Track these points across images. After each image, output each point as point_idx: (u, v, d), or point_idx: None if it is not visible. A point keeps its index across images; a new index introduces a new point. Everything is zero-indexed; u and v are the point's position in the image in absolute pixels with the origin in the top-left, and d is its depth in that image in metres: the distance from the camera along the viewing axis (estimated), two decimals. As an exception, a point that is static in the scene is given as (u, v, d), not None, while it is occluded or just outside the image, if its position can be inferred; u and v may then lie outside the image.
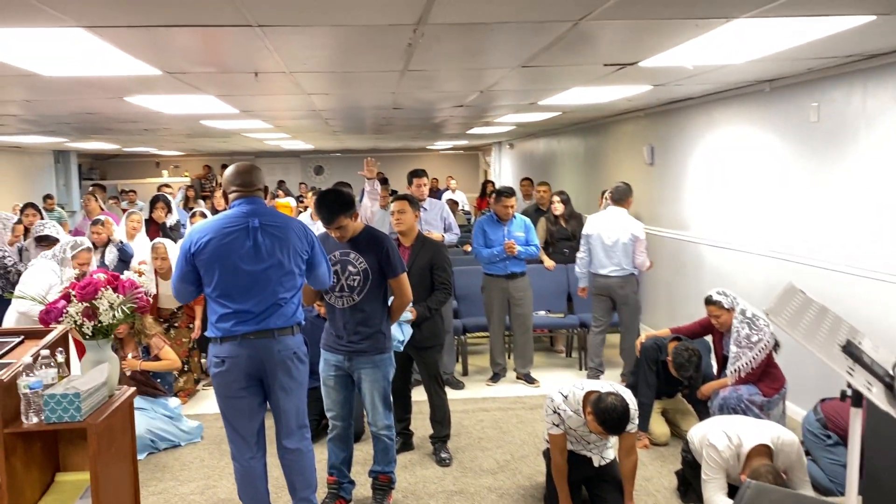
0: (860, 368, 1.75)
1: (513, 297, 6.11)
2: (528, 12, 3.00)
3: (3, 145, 11.13)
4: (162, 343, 5.06)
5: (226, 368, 3.26)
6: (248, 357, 3.24)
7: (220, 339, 3.27)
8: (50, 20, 2.83)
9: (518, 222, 6.18)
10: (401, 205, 4.58)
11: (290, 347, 3.32)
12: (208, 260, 3.22)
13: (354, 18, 3.00)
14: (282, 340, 3.29)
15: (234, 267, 3.21)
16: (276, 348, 3.27)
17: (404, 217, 4.57)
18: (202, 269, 3.25)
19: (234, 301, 3.23)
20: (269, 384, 3.34)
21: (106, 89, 5.02)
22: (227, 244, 3.21)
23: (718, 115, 6.32)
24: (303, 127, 9.71)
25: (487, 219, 6.24)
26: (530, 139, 13.61)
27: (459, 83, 5.34)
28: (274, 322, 3.26)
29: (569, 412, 3.82)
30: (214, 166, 18.53)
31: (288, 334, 3.31)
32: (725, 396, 4.58)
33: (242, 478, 3.43)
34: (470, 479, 4.42)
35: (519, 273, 6.12)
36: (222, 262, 3.21)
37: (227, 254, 3.21)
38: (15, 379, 2.48)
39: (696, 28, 3.31)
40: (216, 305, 3.28)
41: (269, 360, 3.27)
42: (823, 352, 1.73)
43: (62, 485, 2.78)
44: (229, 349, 3.24)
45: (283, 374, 3.31)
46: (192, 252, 3.23)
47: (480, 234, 6.16)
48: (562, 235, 7.17)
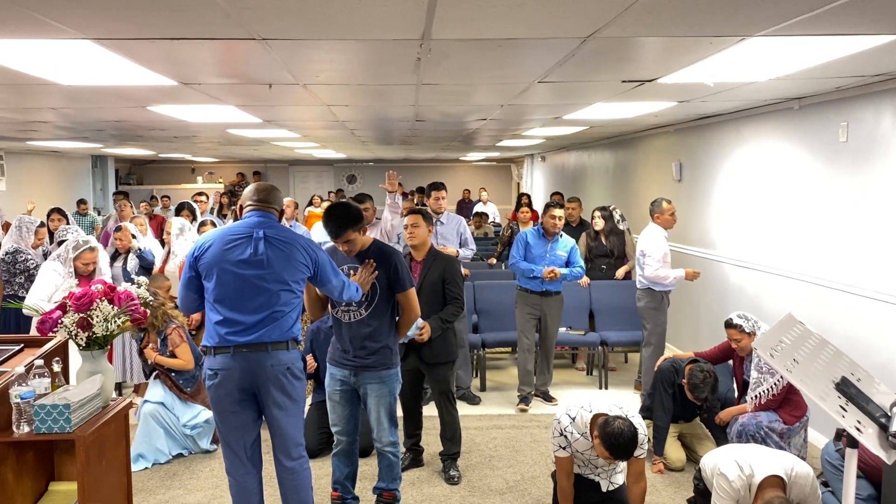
0: (853, 408, 1.66)
1: (544, 314, 5.93)
2: (535, 29, 2.95)
3: (42, 149, 11.39)
4: (179, 340, 5.00)
5: (219, 381, 3.24)
6: (240, 370, 3.22)
7: (214, 351, 3.24)
8: (56, 32, 2.87)
9: (563, 242, 5.95)
10: (414, 219, 4.55)
11: (283, 363, 3.28)
12: (208, 264, 3.23)
13: (359, 33, 2.98)
14: (275, 355, 3.25)
15: (231, 273, 3.21)
16: (269, 363, 3.24)
17: (417, 231, 4.53)
18: (203, 273, 3.26)
19: (228, 308, 3.21)
20: (262, 399, 3.30)
21: (127, 98, 5.09)
22: (228, 250, 3.22)
23: (747, 133, 6.18)
24: (330, 137, 9.77)
25: (533, 232, 6.02)
26: (561, 152, 13.52)
27: (479, 97, 5.31)
28: (268, 335, 3.23)
29: (576, 435, 3.74)
30: (247, 173, 18.77)
31: (282, 349, 3.27)
32: (744, 423, 4.45)
33: (237, 493, 3.41)
34: (477, 499, 4.35)
35: (554, 292, 5.92)
36: (220, 266, 3.21)
37: (226, 259, 3.21)
38: (7, 388, 2.49)
39: (709, 46, 3.22)
40: (212, 313, 3.27)
41: (262, 374, 3.24)
42: (814, 388, 1.64)
43: (55, 494, 2.78)
44: (222, 361, 3.22)
45: (276, 390, 3.27)
46: (196, 256, 3.27)
47: (522, 245, 5.94)
48: (600, 252, 7.05)
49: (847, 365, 1.94)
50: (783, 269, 5.58)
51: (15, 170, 11.46)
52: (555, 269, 5.74)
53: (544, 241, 5.91)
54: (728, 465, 3.58)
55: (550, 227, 5.88)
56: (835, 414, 1.56)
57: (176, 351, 4.97)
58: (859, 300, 4.70)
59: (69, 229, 6.10)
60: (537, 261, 5.86)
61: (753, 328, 4.60)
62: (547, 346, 6.06)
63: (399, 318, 3.91)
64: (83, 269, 5.08)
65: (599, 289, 6.91)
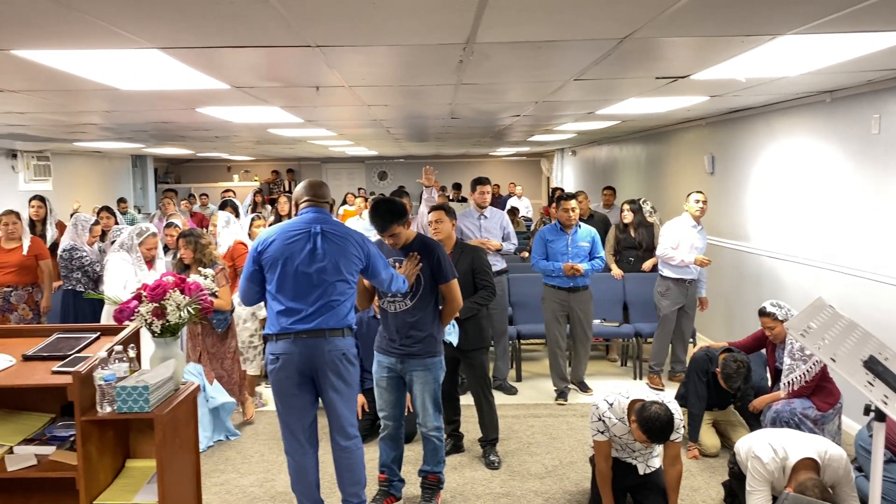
0: (880, 383, 1.79)
1: (573, 310, 5.97)
2: (574, 31, 3.10)
3: (85, 150, 11.76)
4: (224, 281, 5.18)
5: (280, 365, 3.48)
6: (300, 355, 3.46)
7: (276, 337, 3.50)
8: (128, 42, 3.08)
9: (584, 232, 5.97)
10: (437, 214, 4.72)
11: (339, 348, 3.51)
12: (271, 258, 3.48)
13: (407, 39, 3.16)
14: (332, 341, 3.48)
15: (292, 266, 3.45)
16: (327, 348, 3.47)
17: (441, 226, 4.70)
18: (265, 267, 3.51)
19: (289, 299, 3.46)
20: (320, 383, 3.53)
21: (179, 101, 5.32)
22: (289, 245, 3.47)
23: (779, 126, 6.25)
24: (365, 135, 9.97)
25: (550, 228, 6.06)
26: (592, 146, 13.59)
27: (514, 95, 5.46)
28: (326, 322, 3.46)
29: (614, 420, 3.88)
30: (281, 171, 19.09)
31: (339, 335, 3.51)
32: (778, 410, 4.54)
33: (295, 472, 3.63)
34: (517, 483, 4.52)
35: (581, 287, 5.95)
36: (283, 260, 3.46)
37: (288, 254, 3.46)
38: (91, 372, 2.70)
39: (742, 44, 3.34)
40: (274, 303, 3.52)
41: (320, 359, 3.47)
42: (843, 366, 1.78)
43: (132, 470, 3.00)
44: (284, 346, 3.47)
45: (333, 374, 3.50)
46: (259, 250, 3.52)
47: (541, 244, 5.99)
48: (628, 244, 7.15)
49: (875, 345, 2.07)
50: (816, 260, 5.66)
51: (61, 170, 11.85)
52: (574, 266, 5.78)
53: (563, 235, 5.93)
54: (762, 447, 3.70)
55: (566, 220, 5.90)
56: (862, 388, 1.69)
57: (218, 291, 5.20)
58: (891, 289, 4.78)
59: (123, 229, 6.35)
60: (559, 256, 5.88)
61: (786, 316, 4.69)
62: (582, 339, 6.09)
63: (443, 307, 4.10)
64: (147, 254, 5.36)
65: (632, 281, 7.02)
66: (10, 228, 6.08)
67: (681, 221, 6.30)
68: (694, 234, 6.22)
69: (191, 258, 5.12)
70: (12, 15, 2.66)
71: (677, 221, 6.33)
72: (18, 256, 6.11)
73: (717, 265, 7.50)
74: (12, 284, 6.08)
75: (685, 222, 6.26)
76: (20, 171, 10.61)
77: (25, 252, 6.12)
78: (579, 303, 5.97)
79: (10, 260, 6.07)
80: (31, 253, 6.15)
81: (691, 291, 6.31)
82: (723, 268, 7.35)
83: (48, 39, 3.05)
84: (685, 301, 6.30)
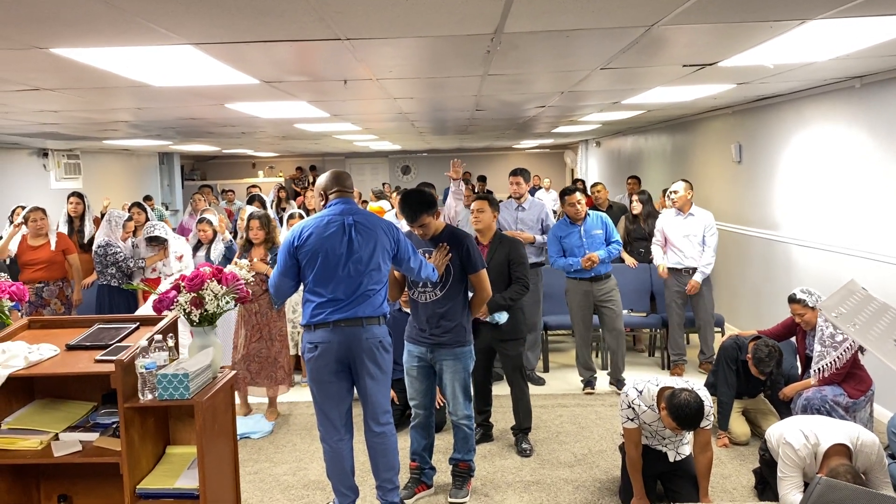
0: (912, 360, 1.79)
1: (599, 299, 5.87)
2: (601, 20, 3.11)
3: (114, 148, 11.95)
4: None
5: (318, 353, 3.55)
6: (338, 343, 3.53)
7: (314, 326, 3.56)
8: (163, 39, 3.15)
9: (594, 219, 5.91)
10: (480, 204, 4.76)
11: (376, 336, 3.58)
12: (310, 251, 3.53)
13: (435, 30, 3.19)
14: (369, 329, 3.55)
15: (331, 258, 3.52)
16: (364, 336, 3.54)
17: (483, 216, 4.73)
18: (303, 260, 3.56)
19: (328, 290, 3.52)
20: (356, 370, 3.60)
21: (208, 97, 5.40)
22: (327, 237, 3.53)
23: (808, 113, 6.20)
24: (390, 129, 10.03)
25: (561, 224, 5.98)
26: (617, 137, 13.53)
27: (540, 85, 5.47)
28: (363, 311, 3.53)
29: (643, 407, 3.89)
30: (305, 167, 19.24)
31: (375, 323, 3.58)
32: (809, 397, 4.53)
33: (331, 458, 3.70)
34: (547, 471, 4.55)
35: (604, 274, 5.87)
36: (323, 253, 3.52)
37: (326, 246, 3.52)
38: (133, 360, 2.78)
39: (770, 30, 3.33)
40: (312, 295, 3.58)
41: (357, 346, 3.54)
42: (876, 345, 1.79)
43: (172, 456, 3.07)
44: (322, 335, 3.54)
45: (369, 361, 3.57)
46: (296, 245, 3.56)
47: (555, 242, 5.90)
48: (638, 235, 7.15)
49: (910, 325, 2.07)
50: (846, 248, 5.61)
51: (91, 168, 12.05)
52: (591, 257, 5.72)
53: (575, 228, 5.86)
54: (793, 433, 3.69)
55: (573, 214, 5.85)
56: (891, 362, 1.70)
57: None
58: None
59: (156, 226, 6.46)
60: (576, 250, 5.81)
61: (817, 303, 4.68)
62: (613, 331, 5.93)
63: (472, 297, 4.14)
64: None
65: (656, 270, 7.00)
66: (37, 224, 6.18)
67: (667, 214, 6.50)
68: (679, 223, 6.32)
69: (262, 238, 5.39)
70: (54, 13, 2.73)
71: (664, 215, 6.55)
72: (47, 252, 6.20)
73: (744, 254, 7.48)
74: (43, 280, 6.18)
75: (669, 214, 6.45)
76: (51, 169, 10.81)
77: (53, 248, 6.21)
78: (604, 292, 5.88)
79: (38, 256, 6.17)
80: (58, 248, 6.24)
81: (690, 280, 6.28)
82: (751, 257, 7.31)
83: (87, 37, 3.12)
84: (685, 289, 6.29)
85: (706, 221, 6.27)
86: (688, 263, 6.25)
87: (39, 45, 3.21)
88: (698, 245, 6.23)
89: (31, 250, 6.21)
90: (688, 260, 6.24)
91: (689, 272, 6.25)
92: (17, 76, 4.07)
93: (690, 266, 6.24)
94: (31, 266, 6.20)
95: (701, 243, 6.23)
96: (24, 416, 3.00)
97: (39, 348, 2.92)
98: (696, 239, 6.23)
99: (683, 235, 6.26)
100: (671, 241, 6.34)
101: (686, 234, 6.26)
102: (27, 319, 3.28)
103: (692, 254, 6.23)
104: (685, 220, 6.30)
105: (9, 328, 3.14)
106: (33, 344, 2.96)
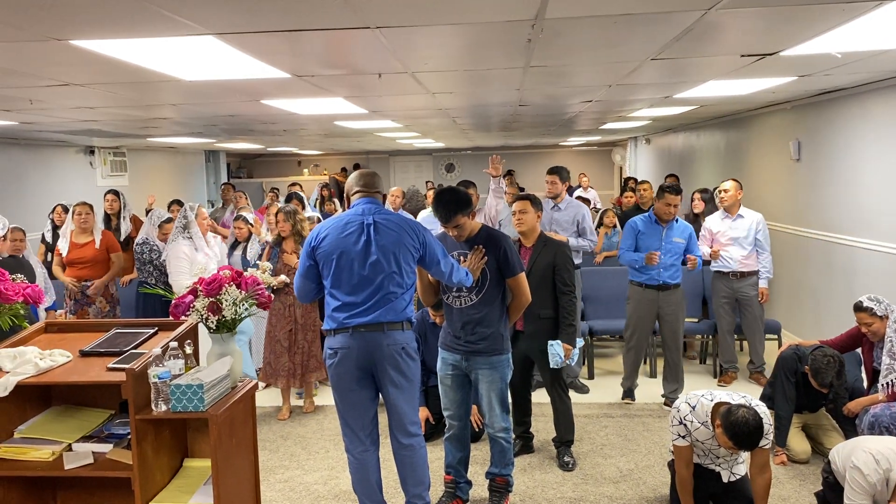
0: None
1: (662, 310, 5.47)
2: (652, 3, 2.84)
3: (160, 145, 12.02)
4: None
5: (338, 360, 3.37)
6: (358, 349, 3.33)
7: (334, 331, 3.39)
8: (182, 28, 2.99)
9: (680, 228, 5.49)
10: (522, 204, 4.49)
11: (398, 342, 3.37)
12: (325, 253, 3.37)
13: (470, 16, 2.97)
14: (391, 335, 3.35)
15: (347, 260, 3.34)
16: (385, 342, 3.34)
17: (526, 217, 4.47)
18: (320, 262, 3.40)
19: (345, 293, 3.35)
20: (379, 378, 3.41)
21: (242, 92, 5.27)
22: (343, 238, 3.35)
23: (874, 107, 5.79)
24: (432, 126, 9.83)
25: (644, 219, 5.55)
26: (667, 134, 13.11)
27: (586, 78, 5.19)
28: (384, 316, 3.33)
29: (696, 424, 3.62)
30: (349, 166, 19.22)
31: (397, 329, 3.37)
32: (877, 413, 4.19)
33: (356, 470, 3.51)
34: (590, 487, 4.29)
35: (672, 284, 5.44)
36: (337, 255, 3.34)
37: (342, 247, 3.34)
38: (146, 369, 2.62)
39: (842, 13, 3.02)
40: (330, 298, 3.41)
41: (378, 353, 3.34)
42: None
43: (189, 470, 2.92)
44: (341, 340, 3.36)
45: (392, 369, 3.37)
46: (313, 246, 3.42)
47: (631, 235, 5.50)
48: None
49: None
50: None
51: (136, 166, 12.14)
52: (653, 254, 5.32)
53: (658, 229, 5.46)
54: (863, 457, 3.39)
55: (664, 214, 5.41)
56: None
57: None
58: None
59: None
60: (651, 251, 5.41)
61: (886, 311, 4.35)
62: (673, 346, 5.54)
63: (510, 302, 3.90)
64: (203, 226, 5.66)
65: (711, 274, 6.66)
66: (83, 218, 6.20)
67: (716, 215, 6.18)
68: (727, 225, 6.01)
69: (289, 231, 5.46)
70: (67, 2, 2.59)
71: (713, 215, 6.23)
72: (92, 251, 6.23)
73: (803, 257, 7.08)
74: (88, 278, 6.20)
75: (717, 215, 6.14)
76: (97, 166, 10.90)
77: (98, 246, 6.25)
78: (669, 304, 5.47)
79: (84, 255, 6.20)
80: (103, 246, 6.28)
81: (740, 285, 5.96)
82: (810, 259, 6.91)
83: (103, 27, 2.98)
84: (734, 295, 5.99)
85: (755, 222, 5.96)
86: (734, 267, 5.96)
87: (56, 35, 3.08)
88: (747, 248, 5.93)
89: (76, 248, 6.23)
90: (734, 263, 5.95)
91: (735, 276, 5.96)
92: (42, 70, 3.97)
93: (737, 270, 5.94)
94: (77, 264, 6.23)
95: (750, 245, 5.93)
96: (38, 424, 2.88)
97: (52, 354, 2.79)
98: (744, 241, 5.93)
99: (731, 238, 5.96)
100: (718, 243, 6.04)
101: (734, 236, 5.95)
102: (44, 323, 3.16)
103: (739, 257, 5.94)
104: (733, 223, 6.00)
105: (24, 332, 3.02)
106: (46, 349, 2.83)
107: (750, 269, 5.96)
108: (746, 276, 5.95)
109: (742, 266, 5.94)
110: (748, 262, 5.95)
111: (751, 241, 5.93)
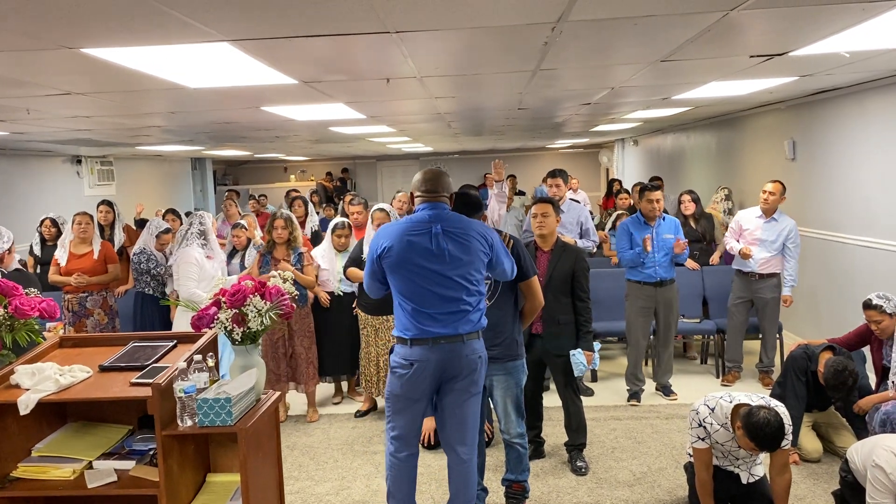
0: None
1: (660, 305, 5.65)
2: (675, 4, 2.83)
3: (147, 154, 11.88)
4: (312, 259, 5.58)
5: (413, 372, 3.25)
6: (437, 361, 3.23)
7: (410, 342, 3.25)
8: (199, 35, 2.93)
9: (669, 224, 5.66)
10: (544, 208, 4.46)
11: (477, 351, 3.30)
12: (393, 265, 3.24)
13: (494, 20, 2.93)
14: (470, 344, 3.27)
15: (418, 272, 3.21)
16: (465, 352, 3.25)
17: (547, 221, 4.43)
18: (388, 272, 3.28)
19: (419, 304, 3.22)
20: (450, 387, 3.31)
21: (244, 100, 5.21)
22: (410, 249, 3.21)
23: (871, 105, 5.83)
24: (425, 130, 9.79)
25: (633, 220, 5.74)
26: (656, 135, 13.16)
27: (589, 81, 5.18)
28: (462, 327, 3.24)
29: (716, 426, 3.61)
30: (335, 171, 19.17)
31: (475, 338, 3.30)
32: (889, 411, 4.20)
33: (399, 472, 3.40)
34: (605, 491, 4.27)
35: (668, 280, 5.62)
36: (407, 266, 3.21)
37: (411, 259, 3.21)
38: (171, 383, 2.56)
39: (862, 12, 3.02)
40: (402, 307, 3.29)
41: (458, 362, 3.25)
42: None
43: (214, 485, 2.85)
44: (420, 353, 3.23)
45: (469, 378, 3.30)
46: (379, 255, 3.28)
47: (626, 236, 5.66)
48: (692, 237, 6.80)
49: None
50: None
51: (124, 174, 11.99)
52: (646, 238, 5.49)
53: (647, 228, 5.61)
54: (885, 455, 3.39)
55: (649, 213, 5.58)
56: None
57: (306, 269, 5.47)
58: None
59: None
60: (642, 253, 5.57)
61: (895, 309, 4.35)
62: (666, 339, 5.78)
63: (522, 306, 3.87)
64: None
65: (713, 275, 6.69)
66: (82, 227, 6.08)
67: (751, 211, 6.08)
68: (759, 226, 5.93)
69: (285, 238, 5.43)
70: (85, 8, 2.53)
71: (748, 211, 6.13)
72: (90, 262, 6.10)
73: (801, 256, 7.10)
74: (87, 290, 6.07)
75: (753, 213, 6.05)
76: (84, 175, 10.74)
77: (96, 257, 6.12)
78: (666, 298, 5.66)
79: (83, 266, 6.05)
80: (101, 257, 6.15)
81: (758, 286, 5.93)
82: (807, 258, 6.93)
83: (119, 35, 2.92)
84: (751, 296, 5.97)
85: (787, 229, 5.87)
86: (754, 268, 5.90)
87: (69, 44, 3.01)
88: (771, 251, 5.86)
89: (74, 258, 6.09)
90: (754, 264, 5.89)
91: (755, 276, 5.93)
92: (48, 79, 3.89)
93: (756, 271, 5.90)
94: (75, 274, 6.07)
95: (777, 250, 5.86)
96: (57, 441, 2.80)
97: (71, 370, 2.71)
98: (770, 245, 5.85)
99: (757, 239, 5.89)
100: (745, 241, 5.96)
101: (761, 238, 5.88)
102: (59, 338, 3.08)
103: (760, 258, 5.87)
104: (767, 224, 5.90)
105: (39, 347, 2.94)
106: (65, 365, 2.75)
107: (770, 272, 5.91)
108: (766, 277, 5.91)
109: (762, 268, 5.89)
110: (769, 264, 5.89)
111: (778, 246, 5.84)
